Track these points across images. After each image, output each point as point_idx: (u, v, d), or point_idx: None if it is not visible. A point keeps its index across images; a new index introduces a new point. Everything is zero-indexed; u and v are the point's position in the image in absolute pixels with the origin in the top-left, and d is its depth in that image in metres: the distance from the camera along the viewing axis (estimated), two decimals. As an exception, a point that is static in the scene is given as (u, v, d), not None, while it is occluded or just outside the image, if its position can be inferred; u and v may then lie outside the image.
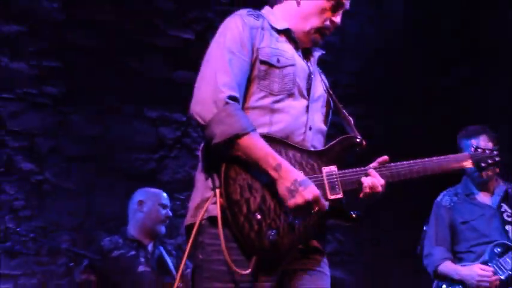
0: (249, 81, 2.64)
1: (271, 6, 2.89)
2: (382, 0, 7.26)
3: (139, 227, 5.01)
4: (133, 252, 4.90)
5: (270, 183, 2.50)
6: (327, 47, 7.13)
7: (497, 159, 3.05)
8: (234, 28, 2.65)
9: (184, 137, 6.36)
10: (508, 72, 6.57)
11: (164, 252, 5.09)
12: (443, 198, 4.52)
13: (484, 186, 4.44)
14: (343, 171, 2.66)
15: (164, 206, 5.07)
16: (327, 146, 2.73)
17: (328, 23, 2.82)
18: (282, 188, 2.46)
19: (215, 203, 2.50)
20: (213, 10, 6.59)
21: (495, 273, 4.19)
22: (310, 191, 2.46)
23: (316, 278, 2.69)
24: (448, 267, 4.37)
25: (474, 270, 4.22)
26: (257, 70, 2.64)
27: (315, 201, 2.46)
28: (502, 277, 4.19)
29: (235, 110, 2.50)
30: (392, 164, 2.77)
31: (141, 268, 4.85)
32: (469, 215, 4.38)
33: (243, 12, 2.73)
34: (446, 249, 4.43)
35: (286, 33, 2.79)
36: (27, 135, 5.79)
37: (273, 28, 2.75)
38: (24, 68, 5.86)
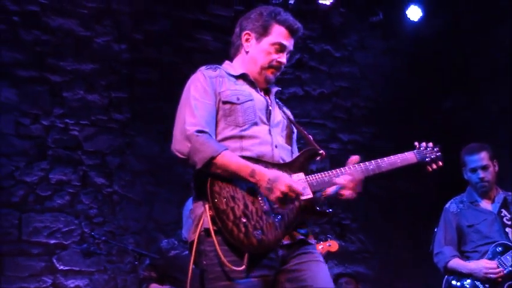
0: (217, 121, 2.68)
1: (231, 60, 2.92)
2: (392, 36, 7.16)
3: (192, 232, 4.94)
4: (186, 252, 4.83)
5: (249, 192, 2.53)
6: (347, 75, 7.14)
7: (438, 154, 3.02)
8: (197, 80, 2.72)
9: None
10: (497, 95, 6.48)
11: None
12: (451, 205, 4.44)
13: (485, 195, 4.35)
14: (309, 176, 2.67)
15: None
16: (292, 159, 2.74)
17: (274, 63, 2.82)
18: (262, 189, 2.50)
19: (207, 216, 2.53)
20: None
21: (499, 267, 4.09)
22: (282, 182, 2.48)
23: (312, 266, 2.65)
24: (457, 262, 4.27)
25: (481, 264, 4.13)
26: (222, 110, 2.68)
27: (289, 189, 2.47)
28: (504, 272, 4.08)
29: (206, 138, 2.55)
30: (361, 163, 2.77)
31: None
32: (473, 219, 4.29)
33: (202, 68, 2.78)
34: (454, 248, 4.33)
35: (243, 77, 2.81)
36: (99, 154, 5.80)
37: (230, 75, 2.79)
38: (97, 99, 5.89)
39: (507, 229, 4.19)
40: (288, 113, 2.96)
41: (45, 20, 5.77)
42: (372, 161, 2.79)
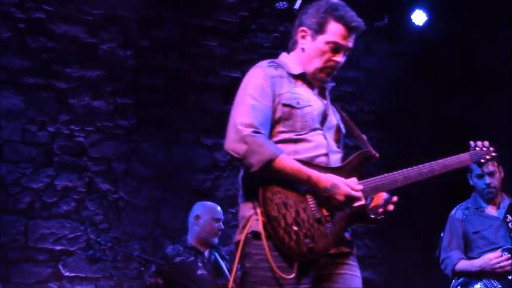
0: (275, 122, 2.60)
1: (288, 53, 2.81)
2: (397, 40, 7.15)
3: (196, 237, 4.92)
4: (192, 258, 4.83)
5: (301, 199, 2.49)
6: (353, 80, 7.11)
7: (494, 154, 2.97)
8: (256, 78, 2.62)
9: (235, 159, 6.29)
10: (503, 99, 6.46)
11: (219, 258, 4.99)
12: (456, 211, 4.42)
13: (491, 201, 4.33)
14: (362, 181, 2.59)
15: (217, 220, 4.94)
16: (345, 162, 2.66)
17: (330, 63, 2.71)
18: (320, 196, 2.49)
19: (257, 220, 2.49)
20: (257, 53, 6.56)
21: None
22: (341, 192, 2.46)
23: (347, 279, 2.61)
24: (464, 263, 4.26)
25: (487, 257, 4.11)
26: (281, 112, 2.60)
27: (348, 199, 2.47)
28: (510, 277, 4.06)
29: (263, 140, 2.49)
30: (404, 169, 2.72)
31: (199, 272, 4.76)
32: (479, 225, 4.27)
33: (264, 63, 2.67)
34: (461, 252, 4.31)
35: (302, 77, 2.72)
36: (105, 161, 5.81)
37: (290, 74, 2.69)
38: (103, 105, 5.90)
39: (512, 234, 4.18)
40: (339, 112, 2.89)
41: (51, 27, 5.79)
42: (426, 164, 2.75)
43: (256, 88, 2.58)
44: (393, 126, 6.99)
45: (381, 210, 2.64)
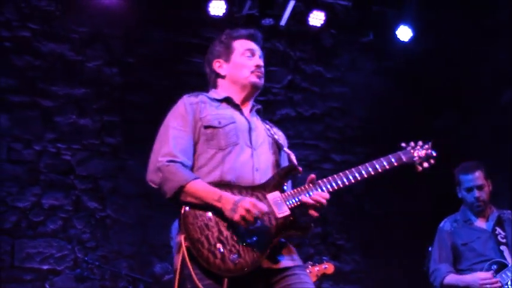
0: (200, 145, 2.72)
1: (216, 88, 2.95)
2: (383, 56, 7.21)
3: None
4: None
5: (221, 218, 2.55)
6: (340, 96, 7.15)
7: (429, 151, 2.99)
8: (176, 109, 2.79)
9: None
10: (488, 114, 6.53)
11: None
12: (445, 224, 4.42)
13: (480, 214, 4.34)
14: (285, 193, 2.68)
15: None
16: (268, 178, 2.72)
17: (254, 65, 2.88)
18: (227, 213, 2.52)
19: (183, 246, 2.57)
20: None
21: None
22: (246, 200, 2.51)
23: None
24: (453, 277, 4.25)
25: (477, 276, 4.10)
26: (204, 135, 2.72)
27: (253, 206, 2.49)
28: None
29: (176, 168, 2.60)
30: (342, 172, 2.76)
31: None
32: (468, 238, 4.27)
33: (185, 96, 2.83)
34: (450, 265, 4.32)
35: (227, 100, 2.86)
36: (92, 179, 5.79)
37: (213, 99, 2.83)
38: (89, 123, 5.89)
39: (502, 247, 4.16)
40: (275, 132, 2.97)
41: (37, 45, 5.79)
42: (353, 168, 2.78)
43: (176, 118, 2.75)
44: (379, 142, 7.02)
45: (311, 215, 2.67)
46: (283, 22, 6.45)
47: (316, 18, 6.44)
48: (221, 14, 6.20)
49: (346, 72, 7.12)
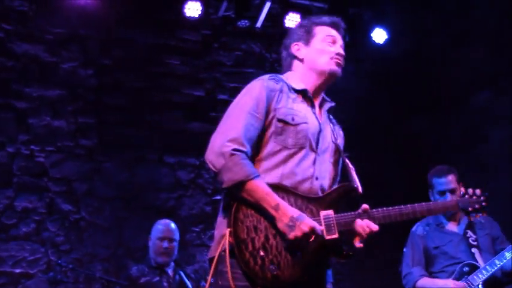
0: (267, 136, 2.60)
1: (292, 70, 2.85)
2: (358, 58, 7.23)
3: (151, 258, 4.90)
4: (157, 278, 4.77)
5: (272, 225, 2.46)
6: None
7: (483, 204, 2.85)
8: (253, 90, 2.64)
9: (198, 178, 6.27)
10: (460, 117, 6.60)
11: (184, 277, 4.95)
12: (418, 228, 4.46)
13: (451, 217, 4.39)
14: (339, 214, 2.58)
15: (161, 239, 4.83)
16: (325, 193, 2.64)
17: (334, 53, 2.78)
18: (281, 225, 2.43)
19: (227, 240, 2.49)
20: (220, 71, 6.58)
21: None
22: (307, 223, 2.42)
23: None
24: (425, 281, 4.29)
25: (448, 284, 4.13)
26: (274, 127, 2.60)
27: (312, 231, 2.42)
28: None
29: (241, 159, 2.47)
30: (384, 208, 2.70)
31: (165, 291, 4.72)
32: (439, 241, 4.32)
33: (265, 76, 2.71)
34: (422, 268, 4.35)
35: (303, 93, 2.74)
36: (66, 181, 5.74)
37: (292, 89, 2.71)
38: (64, 125, 5.84)
39: (473, 249, 4.20)
40: (338, 136, 2.89)
41: (10, 46, 5.72)
42: (409, 205, 2.71)
43: (251, 100, 2.60)
44: (354, 145, 7.03)
45: (355, 244, 2.62)
46: (259, 24, 6.45)
47: (292, 20, 6.45)
48: (197, 16, 6.18)
49: (322, 74, 7.11)
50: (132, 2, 6.22)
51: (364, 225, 2.60)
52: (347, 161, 2.80)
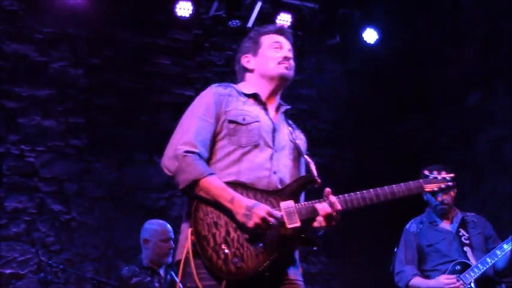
0: (221, 138, 2.68)
1: (244, 81, 2.93)
2: (349, 58, 7.25)
3: (149, 260, 4.85)
4: (148, 279, 4.75)
5: (231, 219, 2.51)
6: (306, 98, 7.16)
7: (450, 184, 2.87)
8: (202, 98, 2.74)
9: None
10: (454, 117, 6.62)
11: (175, 276, 4.94)
12: (411, 225, 4.49)
13: (444, 216, 4.42)
14: (299, 204, 2.62)
15: (165, 241, 4.83)
16: (285, 185, 2.68)
17: (282, 57, 2.86)
18: (239, 216, 2.48)
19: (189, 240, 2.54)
20: (211, 71, 6.58)
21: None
22: (262, 208, 2.48)
23: None
24: (417, 280, 4.30)
25: (441, 281, 4.16)
26: (227, 129, 2.69)
27: (268, 214, 2.47)
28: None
29: (193, 160, 2.56)
30: (346, 194, 2.68)
31: (156, 292, 4.70)
32: (433, 239, 4.35)
33: (214, 85, 2.81)
34: (415, 267, 4.37)
35: (254, 96, 2.82)
36: (56, 181, 5.72)
37: (241, 94, 2.80)
38: (54, 125, 5.81)
39: (465, 248, 4.23)
40: (299, 138, 2.91)
41: (0, 45, 5.69)
42: (371, 190, 2.71)
43: (201, 106, 2.70)
44: (345, 144, 7.08)
45: (316, 224, 2.62)
46: (250, 24, 6.45)
47: (283, 20, 6.46)
48: (188, 15, 6.17)
49: (312, 74, 7.14)
50: (123, 1, 6.21)
51: (325, 205, 2.61)
52: (308, 158, 2.84)
